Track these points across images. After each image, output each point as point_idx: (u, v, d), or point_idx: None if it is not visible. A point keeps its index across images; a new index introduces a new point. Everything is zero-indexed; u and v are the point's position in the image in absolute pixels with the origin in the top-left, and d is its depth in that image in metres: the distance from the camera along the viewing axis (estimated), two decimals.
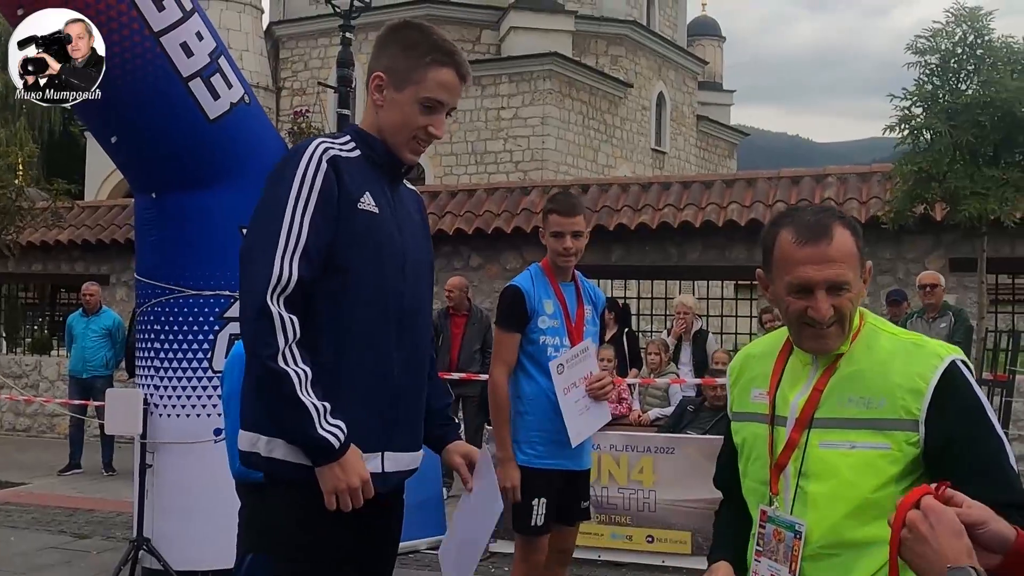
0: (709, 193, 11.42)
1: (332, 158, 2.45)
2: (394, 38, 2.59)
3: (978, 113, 6.33)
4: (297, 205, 2.39)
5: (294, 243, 2.37)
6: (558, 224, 4.07)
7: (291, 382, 2.31)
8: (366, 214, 2.47)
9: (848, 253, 2.01)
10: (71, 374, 10.78)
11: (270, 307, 2.33)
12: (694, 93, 37.18)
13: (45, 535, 7.61)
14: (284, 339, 2.33)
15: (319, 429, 2.31)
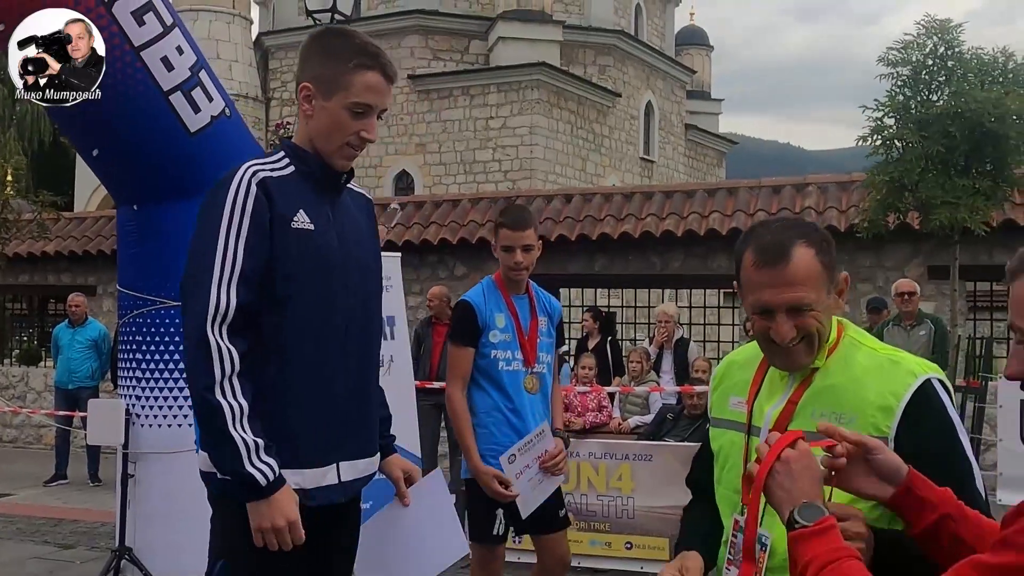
0: (691, 202, 11.52)
1: (261, 180, 2.46)
2: (317, 46, 2.59)
3: (948, 123, 6.43)
4: (230, 232, 2.40)
5: (230, 270, 2.38)
6: (508, 238, 4.07)
7: (224, 416, 2.33)
8: (301, 232, 2.48)
9: (808, 274, 1.98)
10: (57, 385, 10.82)
11: (209, 337, 2.34)
12: (682, 102, 37.33)
13: (30, 545, 7.64)
14: (221, 371, 2.34)
15: (247, 465, 2.32)
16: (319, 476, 2.51)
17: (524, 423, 4.12)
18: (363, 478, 2.66)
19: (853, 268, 10.49)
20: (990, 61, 6.66)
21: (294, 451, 2.46)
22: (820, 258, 2.01)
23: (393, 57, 13.79)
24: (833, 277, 2.04)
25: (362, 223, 2.71)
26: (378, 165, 30.55)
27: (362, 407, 2.64)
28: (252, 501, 2.36)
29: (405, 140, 30.23)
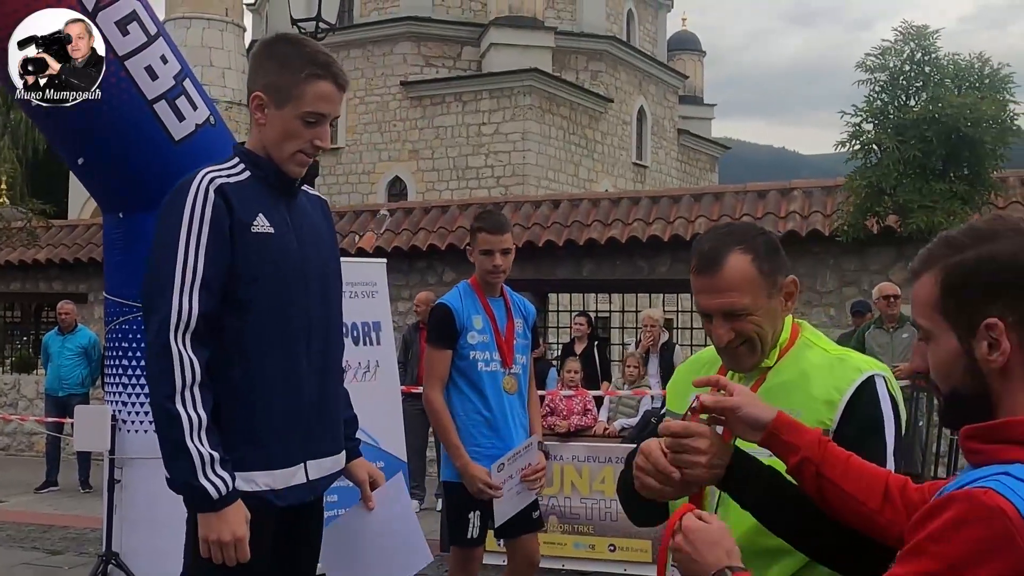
0: (678, 207, 11.60)
1: (219, 187, 2.49)
2: (269, 55, 2.60)
3: (925, 128, 6.51)
4: (190, 240, 2.42)
5: (191, 278, 2.41)
6: (487, 242, 4.14)
7: (181, 427, 2.35)
8: (261, 236, 2.51)
9: (741, 280, 2.03)
10: (47, 392, 10.87)
11: (171, 346, 2.37)
12: (675, 107, 37.47)
13: (19, 551, 7.69)
14: (183, 380, 2.37)
15: (200, 478, 2.34)
16: (288, 476, 2.56)
17: (504, 424, 4.17)
18: (329, 476, 2.71)
19: (838, 272, 10.57)
20: (966, 67, 6.75)
21: (263, 453, 2.51)
22: (757, 264, 2.06)
23: (385, 64, 13.92)
24: (776, 281, 2.09)
25: (320, 225, 2.75)
26: (371, 172, 30.63)
27: (326, 406, 2.68)
28: (204, 513, 2.39)
29: (398, 147, 30.31)
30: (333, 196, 29.10)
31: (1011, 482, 1.25)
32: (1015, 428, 1.32)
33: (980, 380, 1.37)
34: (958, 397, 1.41)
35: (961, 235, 1.43)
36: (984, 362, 1.36)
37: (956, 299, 1.37)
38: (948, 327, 1.39)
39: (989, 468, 1.30)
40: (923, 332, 1.44)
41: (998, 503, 1.22)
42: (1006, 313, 1.34)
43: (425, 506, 9.11)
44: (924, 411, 6.94)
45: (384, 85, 30.67)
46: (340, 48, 29.97)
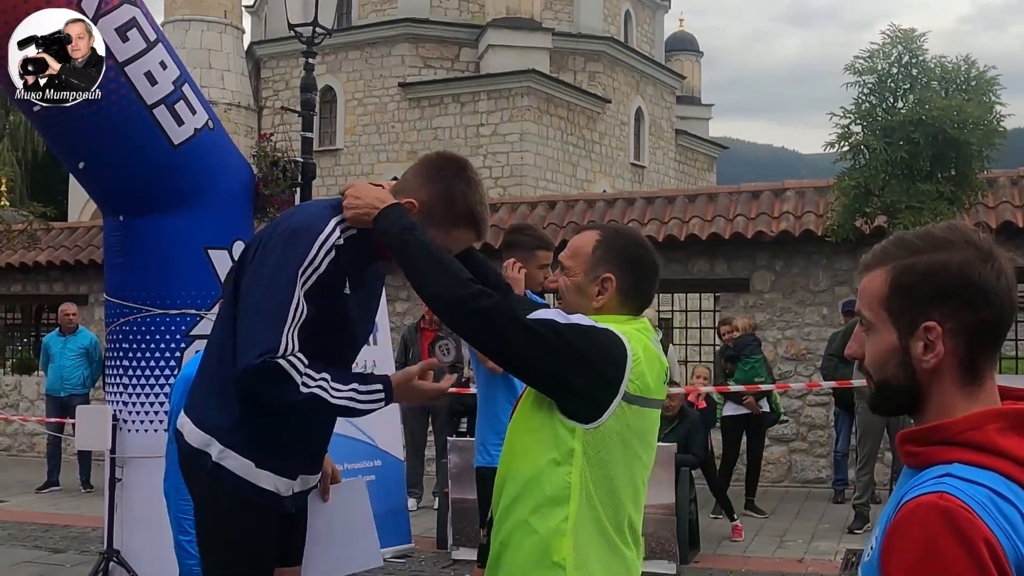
0: (672, 208, 11.70)
1: (342, 244, 2.60)
2: (443, 179, 2.66)
3: (912, 130, 6.61)
4: (300, 282, 2.54)
5: (298, 319, 2.53)
6: (547, 259, 4.36)
7: (320, 399, 2.51)
8: (343, 297, 2.67)
9: (577, 248, 2.58)
10: (49, 393, 10.97)
11: (279, 363, 2.49)
12: (672, 108, 37.56)
13: (21, 550, 7.78)
14: (297, 372, 2.50)
15: (364, 407, 2.58)
16: (288, 487, 2.76)
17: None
18: (308, 488, 2.91)
19: (831, 271, 10.68)
20: (953, 69, 6.84)
21: (284, 464, 2.72)
22: (595, 246, 2.54)
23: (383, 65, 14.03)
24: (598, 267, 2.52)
25: (377, 288, 2.95)
26: (370, 173, 30.71)
27: (326, 436, 2.92)
28: (395, 398, 2.63)
29: (396, 147, 30.40)
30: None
31: (956, 482, 1.32)
32: (949, 429, 1.39)
33: (911, 376, 1.45)
34: (888, 388, 1.49)
35: (916, 238, 1.49)
36: (917, 360, 1.43)
37: (902, 299, 1.44)
38: (890, 323, 1.46)
39: (932, 471, 1.36)
40: (865, 323, 1.52)
41: (956, 505, 1.28)
42: (945, 319, 1.41)
43: (423, 504, 9.21)
44: None
45: (382, 87, 30.77)
46: (338, 50, 30.09)
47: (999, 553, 1.26)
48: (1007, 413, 1.40)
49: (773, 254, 11.06)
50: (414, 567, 7.07)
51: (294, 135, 10.38)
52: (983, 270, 1.41)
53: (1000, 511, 1.30)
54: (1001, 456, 1.35)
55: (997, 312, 1.42)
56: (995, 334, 1.44)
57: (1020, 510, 1.31)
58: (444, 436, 9.56)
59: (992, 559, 1.25)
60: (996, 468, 1.33)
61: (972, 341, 1.42)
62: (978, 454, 1.35)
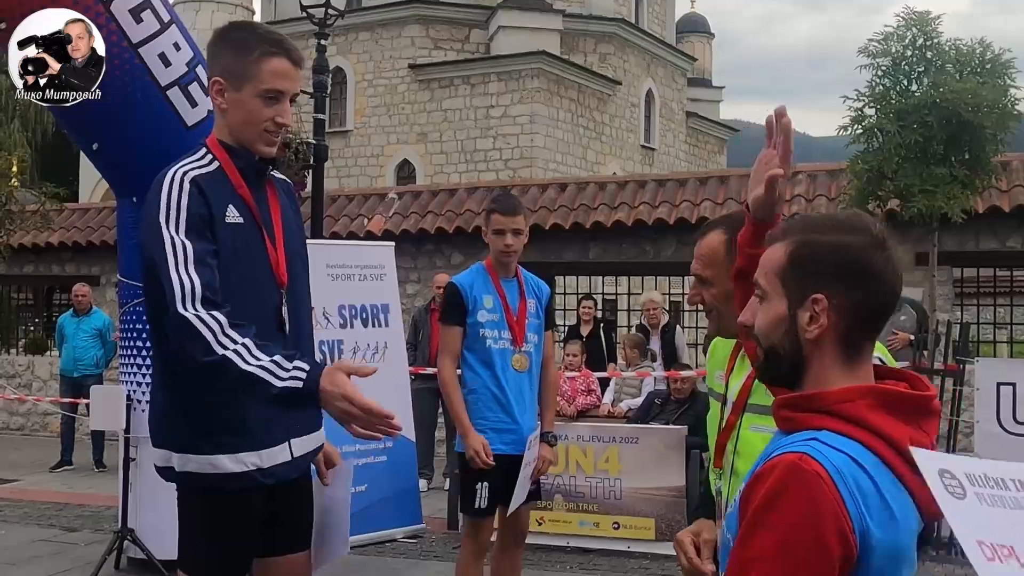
0: (683, 191, 11.68)
1: (193, 179, 2.57)
2: (223, 42, 2.68)
3: (925, 113, 6.58)
4: (169, 224, 2.49)
5: (182, 256, 2.46)
6: (499, 223, 4.28)
7: (232, 363, 2.37)
8: (233, 227, 2.59)
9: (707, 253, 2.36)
10: (62, 373, 11.03)
11: (184, 315, 2.40)
12: (683, 90, 37.42)
13: (35, 529, 7.85)
14: (210, 332, 2.40)
15: (277, 384, 2.36)
16: (274, 455, 2.67)
17: (512, 400, 4.33)
18: (312, 452, 2.82)
19: None
20: (967, 52, 6.80)
21: (249, 435, 2.63)
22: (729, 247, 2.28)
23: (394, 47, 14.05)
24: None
25: (288, 209, 2.83)
26: (380, 155, 30.71)
27: None
28: (307, 407, 2.44)
29: (406, 129, 30.37)
30: (342, 179, 29.20)
31: (821, 447, 1.42)
32: (824, 399, 1.50)
33: (796, 345, 1.55)
34: (775, 355, 1.59)
35: (820, 219, 1.61)
36: (802, 330, 1.53)
37: (796, 271, 1.55)
38: (782, 293, 1.56)
39: (801, 434, 1.47)
40: (759, 292, 1.61)
41: (813, 467, 1.38)
42: (833, 296, 1.51)
43: (433, 486, 9.25)
44: None
45: (392, 68, 30.71)
46: (348, 31, 30.02)
47: (843, 518, 1.36)
48: (878, 391, 1.51)
49: None
50: (425, 547, 7.11)
51: (306, 117, 10.39)
52: (875, 256, 1.52)
53: (855, 479, 1.40)
54: (867, 429, 1.45)
55: (881, 297, 1.54)
56: (876, 317, 1.56)
57: (874, 480, 1.42)
58: None
59: (835, 524, 1.35)
60: (860, 439, 1.44)
61: (854, 319, 1.53)
62: (846, 424, 1.46)
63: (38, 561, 6.82)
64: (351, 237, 12.23)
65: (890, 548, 1.41)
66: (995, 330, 12.27)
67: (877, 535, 1.39)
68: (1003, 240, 10.30)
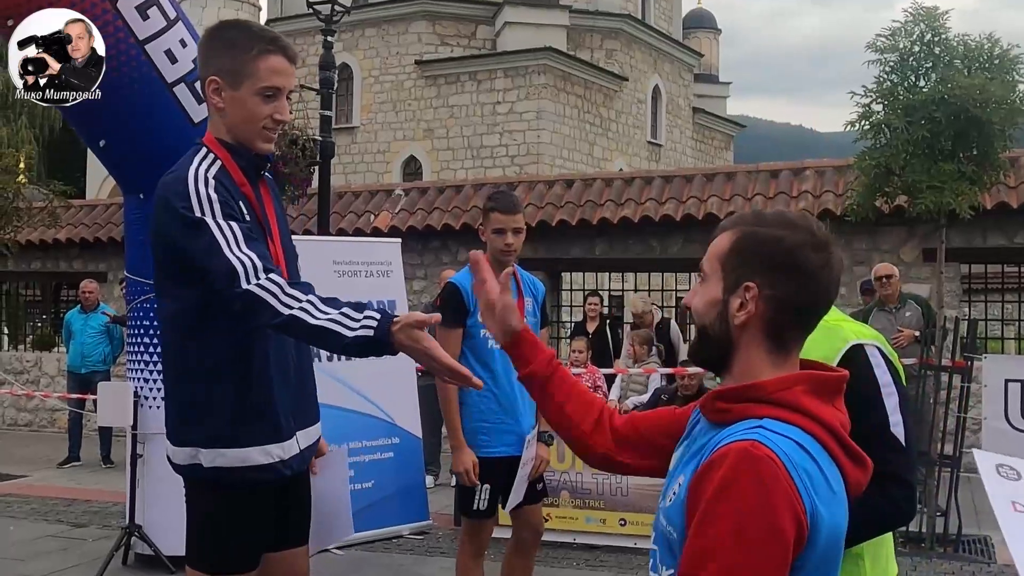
0: (689, 187, 11.67)
1: (215, 175, 2.58)
2: (217, 41, 2.67)
3: (933, 109, 6.55)
4: (207, 213, 2.51)
5: (232, 237, 2.48)
6: (499, 222, 4.22)
7: (302, 320, 2.38)
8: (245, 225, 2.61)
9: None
10: (70, 370, 11.06)
11: (248, 289, 2.42)
12: (690, 85, 37.37)
13: (43, 524, 7.87)
14: (272, 296, 2.41)
15: (349, 335, 2.36)
16: (291, 447, 2.71)
17: (514, 400, 4.31)
18: (313, 444, 2.86)
19: (849, 251, 10.63)
20: (976, 48, 6.77)
21: (274, 427, 2.66)
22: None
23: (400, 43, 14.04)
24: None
25: (277, 207, 2.85)
26: (386, 151, 30.73)
27: (304, 380, 2.82)
28: (382, 353, 2.41)
29: (413, 126, 30.38)
30: (349, 175, 29.24)
31: (768, 434, 1.45)
32: (762, 388, 1.54)
33: (726, 329, 1.61)
34: (705, 335, 1.65)
35: (769, 214, 1.66)
36: (732, 316, 1.60)
37: (736, 259, 1.60)
38: (720, 278, 1.62)
39: (744, 423, 1.50)
40: (702, 275, 1.68)
41: (765, 453, 1.41)
42: (764, 286, 1.56)
43: (440, 482, 9.25)
44: (931, 389, 7.04)
45: (399, 64, 30.71)
46: (355, 27, 30.03)
47: (796, 500, 1.40)
48: (810, 378, 1.57)
49: None
50: (431, 543, 7.12)
51: (312, 113, 10.38)
52: (811, 255, 1.57)
53: (802, 463, 1.44)
54: (805, 415, 1.51)
55: (812, 296, 1.59)
56: (805, 315, 1.61)
57: (818, 464, 1.47)
58: None
59: (788, 507, 1.39)
60: (800, 425, 1.49)
61: (782, 313, 1.57)
62: (786, 411, 1.51)
63: (46, 557, 6.84)
64: (358, 233, 12.24)
65: (833, 526, 1.47)
66: (1003, 326, 12.25)
67: (824, 515, 1.44)
68: (1011, 236, 10.28)
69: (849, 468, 1.54)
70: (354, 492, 7.12)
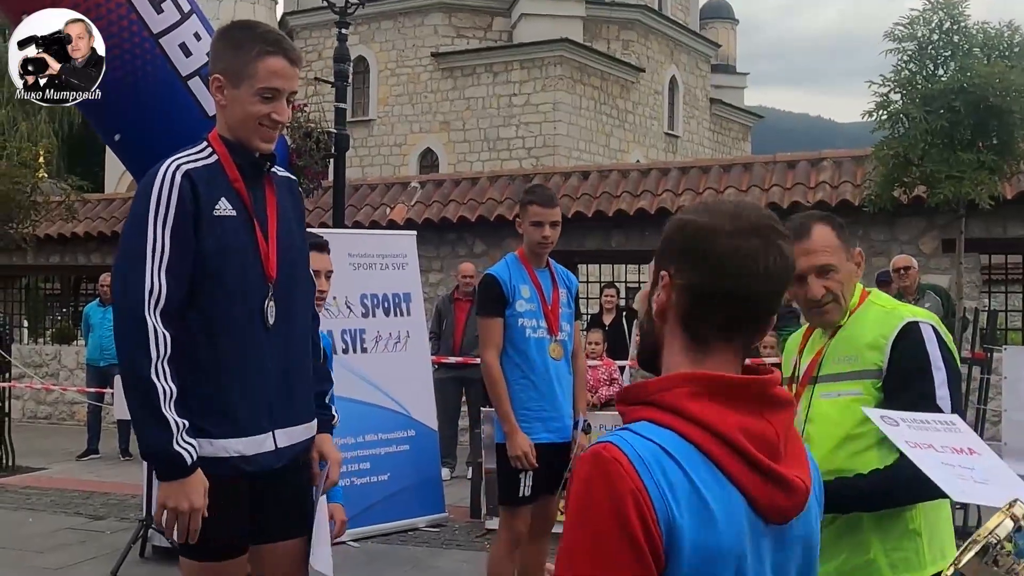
0: (706, 178, 11.62)
1: (185, 173, 2.62)
2: (224, 40, 2.76)
3: (952, 98, 6.49)
4: (157, 222, 2.57)
5: (159, 258, 2.54)
6: (538, 215, 4.32)
7: (159, 395, 2.48)
8: (222, 219, 2.65)
9: (827, 243, 2.48)
10: (88, 363, 11.12)
11: (147, 319, 2.50)
12: (707, 76, 37.18)
13: (62, 517, 7.92)
14: (157, 353, 2.50)
15: (175, 444, 2.48)
16: (257, 443, 2.69)
17: (551, 388, 4.38)
18: (299, 443, 2.83)
19: (867, 242, 10.55)
20: (995, 35, 6.70)
21: (233, 422, 2.66)
22: (837, 233, 2.52)
23: (416, 35, 14.08)
24: (849, 249, 2.54)
25: (287, 206, 2.86)
26: (403, 143, 30.73)
27: (291, 379, 2.79)
28: (171, 480, 2.51)
29: (429, 118, 30.36)
30: (365, 168, 29.25)
31: (629, 436, 1.35)
32: (645, 388, 1.44)
33: (651, 323, 1.54)
34: (642, 327, 1.58)
35: (708, 202, 1.61)
36: (653, 307, 1.52)
37: (660, 247, 1.52)
38: (652, 270, 1.56)
39: (618, 428, 1.42)
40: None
41: (612, 454, 1.33)
42: (676, 275, 1.46)
43: (456, 474, 9.26)
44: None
45: (415, 56, 30.69)
46: (371, 20, 30.02)
47: (645, 506, 1.30)
48: (701, 378, 1.41)
49: None
50: (447, 536, 7.12)
51: (327, 106, 10.36)
52: (723, 241, 1.43)
53: (662, 469, 1.32)
54: (684, 417, 1.37)
55: (721, 284, 1.43)
56: (717, 305, 1.44)
57: (684, 470, 1.34)
58: (478, 407, 9.58)
59: (636, 511, 1.30)
60: (675, 428, 1.36)
61: (692, 302, 1.46)
62: (664, 414, 1.38)
63: (64, 549, 6.88)
64: (373, 226, 12.24)
65: (707, 548, 1.32)
66: (1023, 317, 12.15)
67: (688, 532, 1.31)
68: None
69: (754, 485, 1.37)
70: (370, 485, 7.18)
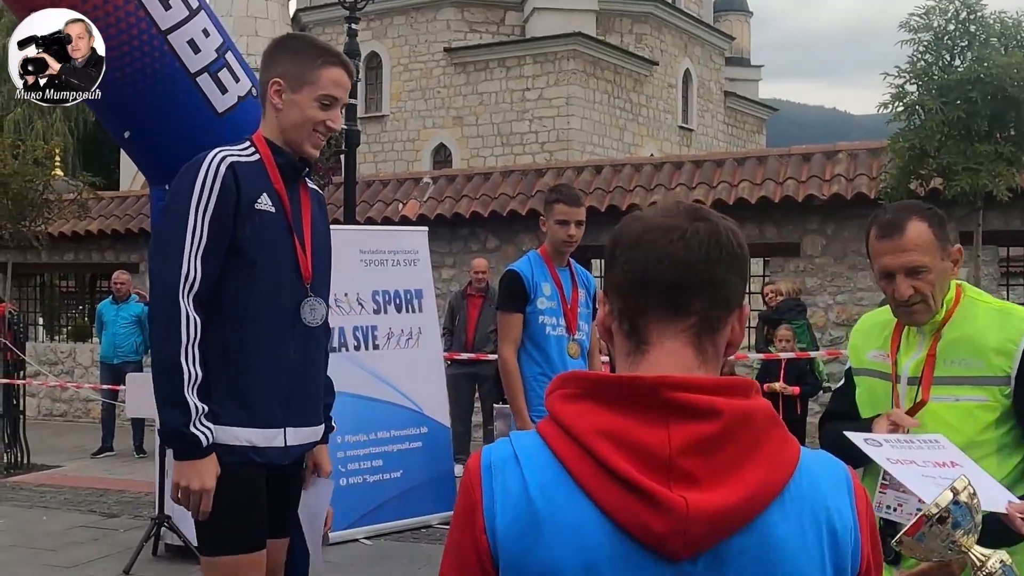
0: (720, 172, 11.54)
1: (230, 164, 2.71)
2: (284, 48, 2.88)
3: (969, 89, 6.40)
4: (199, 209, 2.64)
5: (197, 244, 2.63)
6: (563, 213, 4.32)
7: (183, 379, 2.56)
8: (262, 213, 2.74)
9: (921, 242, 2.36)
10: (102, 360, 11.15)
11: (180, 303, 2.59)
12: (721, 69, 37.03)
13: (76, 514, 7.93)
14: (187, 337, 2.59)
15: (192, 427, 2.56)
16: (269, 437, 2.75)
17: None
18: (306, 444, 2.90)
19: None
20: (1013, 25, 6.60)
21: (250, 413, 2.72)
22: (934, 230, 2.39)
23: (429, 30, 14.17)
24: (946, 247, 2.42)
25: (316, 213, 2.96)
26: (416, 139, 30.71)
27: (308, 381, 2.87)
28: (187, 460, 2.59)
29: (442, 113, 30.34)
30: (378, 164, 29.26)
31: (504, 442, 1.30)
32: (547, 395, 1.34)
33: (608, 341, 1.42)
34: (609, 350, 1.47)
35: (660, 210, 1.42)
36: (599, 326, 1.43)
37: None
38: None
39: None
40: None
41: (473, 462, 1.29)
42: (607, 284, 1.38)
43: None
44: None
45: (428, 52, 30.66)
46: (383, 15, 30.01)
47: (478, 516, 1.25)
48: (580, 378, 1.29)
49: (824, 218, 10.87)
50: None
51: None
52: (633, 226, 1.35)
53: (504, 475, 1.25)
54: (551, 419, 1.28)
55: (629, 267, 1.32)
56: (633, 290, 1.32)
57: (523, 477, 1.24)
58: (491, 402, 9.58)
59: (471, 521, 1.26)
60: (544, 435, 1.27)
61: (617, 295, 1.35)
62: (547, 419, 1.30)
63: (78, 547, 6.88)
64: (386, 222, 12.22)
65: (537, 561, 1.21)
66: None
67: (508, 544, 1.23)
68: None
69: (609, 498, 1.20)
70: (383, 482, 7.16)
